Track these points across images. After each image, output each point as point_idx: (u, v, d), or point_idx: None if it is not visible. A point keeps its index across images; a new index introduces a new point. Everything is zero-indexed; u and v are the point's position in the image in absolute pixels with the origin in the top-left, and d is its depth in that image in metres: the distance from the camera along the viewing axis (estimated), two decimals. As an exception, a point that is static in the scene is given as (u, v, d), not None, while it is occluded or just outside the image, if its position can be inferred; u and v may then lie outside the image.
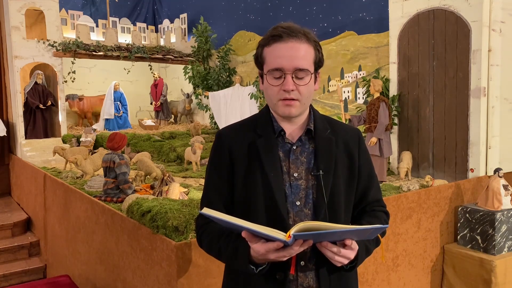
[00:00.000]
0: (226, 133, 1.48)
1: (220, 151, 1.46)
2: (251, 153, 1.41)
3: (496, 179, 3.71)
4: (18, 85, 6.73)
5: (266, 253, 1.22)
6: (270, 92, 1.39)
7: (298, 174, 1.40)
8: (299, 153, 1.42)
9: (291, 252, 1.22)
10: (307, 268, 1.37)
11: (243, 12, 7.99)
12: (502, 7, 4.23)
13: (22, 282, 4.90)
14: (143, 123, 8.50)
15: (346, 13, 6.31)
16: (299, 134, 1.43)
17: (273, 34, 1.36)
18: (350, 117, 4.88)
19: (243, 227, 1.20)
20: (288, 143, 1.42)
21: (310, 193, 1.39)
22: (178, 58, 8.69)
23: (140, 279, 2.73)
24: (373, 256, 3.27)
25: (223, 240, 1.36)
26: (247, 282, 1.39)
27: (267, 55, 1.38)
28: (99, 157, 5.02)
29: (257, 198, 1.37)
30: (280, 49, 1.34)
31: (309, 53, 1.37)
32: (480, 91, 4.17)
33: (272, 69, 1.36)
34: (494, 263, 3.48)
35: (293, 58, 1.33)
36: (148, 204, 2.73)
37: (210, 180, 1.48)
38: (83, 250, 3.80)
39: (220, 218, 1.21)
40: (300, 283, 1.37)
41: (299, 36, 1.35)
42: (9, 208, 6.41)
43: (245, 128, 1.47)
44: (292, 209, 1.37)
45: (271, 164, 1.38)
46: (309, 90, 1.38)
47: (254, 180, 1.39)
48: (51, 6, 6.98)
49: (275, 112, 1.43)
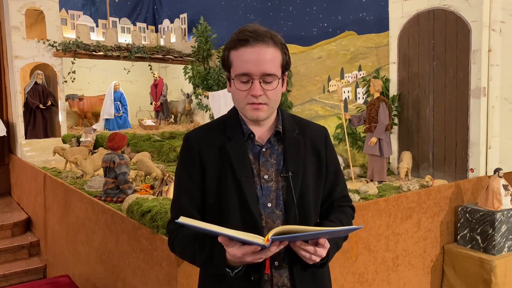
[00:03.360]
0: (195, 136, 1.46)
1: (190, 155, 1.44)
2: (222, 157, 1.40)
3: (496, 179, 3.71)
4: (18, 85, 6.73)
5: (242, 256, 1.23)
6: (237, 97, 1.39)
7: (268, 176, 1.41)
8: (268, 155, 1.42)
9: (268, 253, 1.23)
10: (281, 268, 1.39)
11: (243, 12, 7.99)
12: (502, 7, 4.23)
13: (22, 282, 4.90)
14: (143, 123, 8.50)
15: (346, 13, 6.31)
16: (268, 136, 1.44)
17: (239, 38, 1.35)
18: (350, 117, 4.88)
19: (221, 233, 1.21)
20: (258, 146, 1.43)
21: (281, 194, 1.40)
22: (178, 58, 8.69)
23: (140, 279, 2.73)
24: (373, 256, 3.27)
25: (197, 245, 1.35)
26: (223, 284, 1.40)
27: (234, 59, 1.37)
28: (99, 157, 5.02)
29: (230, 201, 1.38)
30: (247, 53, 1.34)
31: (276, 57, 1.36)
32: (480, 91, 4.17)
33: (240, 74, 1.35)
34: (494, 263, 3.48)
35: (260, 63, 1.33)
36: (148, 204, 2.73)
37: (181, 184, 1.47)
38: (83, 250, 3.80)
39: (197, 226, 1.20)
40: (275, 282, 1.39)
41: (265, 40, 1.34)
42: (9, 208, 6.41)
43: (214, 130, 1.46)
44: (264, 211, 1.38)
45: (242, 168, 1.38)
46: (277, 94, 1.39)
47: (225, 184, 1.39)
48: (51, 6, 6.98)
49: (243, 115, 1.43)
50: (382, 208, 3.31)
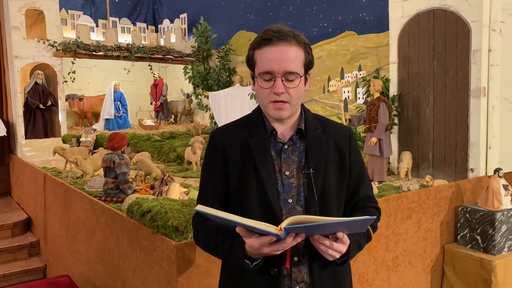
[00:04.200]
0: (220, 133, 1.52)
1: (214, 151, 1.49)
2: (244, 153, 1.44)
3: (496, 179, 3.71)
4: (18, 85, 6.73)
5: (259, 247, 1.25)
6: (261, 95, 1.43)
7: (289, 172, 1.43)
8: (290, 152, 1.45)
9: (284, 245, 1.25)
10: (300, 263, 1.40)
11: (243, 12, 7.99)
12: (502, 7, 4.23)
13: (22, 282, 4.90)
14: (143, 123, 8.50)
15: (346, 13, 6.31)
16: (290, 134, 1.47)
17: (263, 37, 1.39)
18: (350, 117, 4.88)
19: (237, 222, 1.23)
20: (280, 143, 1.46)
21: (302, 191, 1.42)
22: (178, 58, 8.69)
23: (140, 279, 2.73)
24: (373, 256, 3.27)
25: (219, 237, 1.40)
26: (243, 278, 1.43)
27: (258, 58, 1.41)
28: (99, 157, 5.02)
29: (251, 196, 1.41)
30: (270, 52, 1.37)
31: (298, 56, 1.40)
32: (480, 91, 4.17)
33: (263, 72, 1.39)
34: (494, 263, 3.48)
35: (282, 62, 1.36)
36: (148, 204, 2.73)
37: (205, 180, 1.52)
38: (83, 250, 3.80)
39: (214, 214, 1.25)
40: (294, 278, 1.40)
41: (288, 39, 1.38)
42: (9, 208, 6.40)
43: (238, 128, 1.50)
44: (284, 206, 1.41)
45: (263, 163, 1.41)
46: (299, 92, 1.41)
47: (247, 179, 1.42)
48: (51, 6, 6.98)
49: (266, 113, 1.47)
50: (382, 208, 3.27)
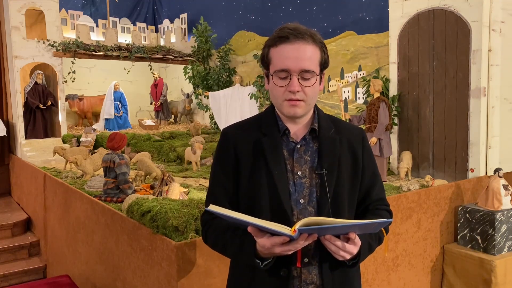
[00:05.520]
0: (232, 131, 1.50)
1: (226, 149, 1.48)
2: (256, 151, 1.43)
3: (496, 179, 3.71)
4: (18, 85, 6.73)
5: (271, 247, 1.24)
6: (275, 93, 1.41)
7: (302, 172, 1.41)
8: (303, 152, 1.44)
9: (297, 246, 1.24)
10: (310, 265, 1.39)
11: (243, 12, 7.99)
12: (502, 7, 4.23)
13: (22, 282, 4.90)
14: (143, 123, 8.50)
15: (346, 13, 6.31)
16: (303, 133, 1.45)
17: (280, 35, 1.37)
18: (350, 117, 4.88)
19: (249, 222, 1.22)
20: (293, 142, 1.44)
21: (314, 191, 1.40)
22: (178, 58, 8.69)
23: (140, 279, 2.73)
24: (373, 256, 3.27)
25: (229, 235, 1.38)
26: (252, 278, 1.41)
27: (273, 56, 1.39)
28: (99, 157, 5.01)
29: (262, 195, 1.39)
30: (287, 50, 1.36)
31: (315, 54, 1.39)
32: (480, 91, 4.17)
33: (278, 70, 1.37)
34: (494, 263, 3.47)
35: (299, 60, 1.35)
36: (148, 204, 2.73)
37: (216, 177, 1.50)
38: (83, 250, 3.80)
39: (226, 214, 1.23)
40: (304, 279, 1.38)
41: (305, 37, 1.37)
42: (9, 208, 6.40)
43: (251, 126, 1.49)
44: (296, 206, 1.39)
45: (275, 163, 1.40)
46: (314, 91, 1.40)
47: (259, 178, 1.40)
48: (51, 6, 6.98)
49: (280, 112, 1.45)
50: (382, 208, 3.30)
